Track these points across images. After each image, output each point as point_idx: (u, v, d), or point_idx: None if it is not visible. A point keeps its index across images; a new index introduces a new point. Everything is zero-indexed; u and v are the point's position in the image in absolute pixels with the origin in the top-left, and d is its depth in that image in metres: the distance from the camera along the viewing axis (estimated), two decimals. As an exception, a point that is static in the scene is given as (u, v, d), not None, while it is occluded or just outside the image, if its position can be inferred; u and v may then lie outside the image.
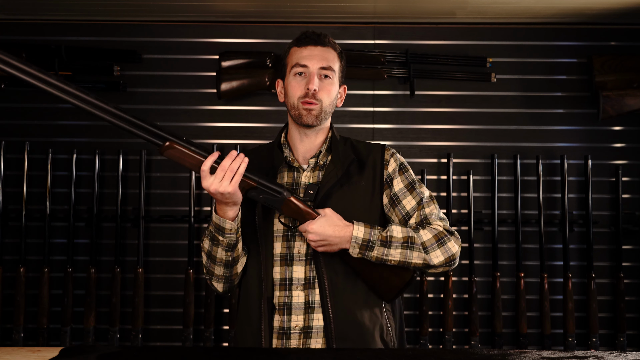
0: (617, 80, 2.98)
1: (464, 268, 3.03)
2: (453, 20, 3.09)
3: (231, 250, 1.67)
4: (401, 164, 1.79)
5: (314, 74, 1.71)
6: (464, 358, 1.39)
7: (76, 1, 2.88)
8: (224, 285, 1.75)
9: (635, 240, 3.07)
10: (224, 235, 1.64)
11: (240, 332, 1.74)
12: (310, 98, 1.71)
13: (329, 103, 1.74)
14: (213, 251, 1.69)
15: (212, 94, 3.11)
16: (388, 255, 1.66)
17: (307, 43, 1.74)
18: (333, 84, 1.75)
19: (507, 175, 3.08)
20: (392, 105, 3.13)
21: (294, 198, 1.63)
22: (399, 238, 1.66)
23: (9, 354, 1.50)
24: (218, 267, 1.70)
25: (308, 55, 1.73)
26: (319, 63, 1.72)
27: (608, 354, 1.40)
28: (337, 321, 1.65)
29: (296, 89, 1.73)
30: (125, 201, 3.07)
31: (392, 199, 1.74)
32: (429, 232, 1.69)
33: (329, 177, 1.72)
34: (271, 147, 1.82)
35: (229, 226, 1.63)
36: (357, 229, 1.65)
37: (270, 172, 1.74)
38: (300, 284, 1.68)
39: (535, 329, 3.01)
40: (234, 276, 1.74)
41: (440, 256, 1.68)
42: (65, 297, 2.94)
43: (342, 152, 1.76)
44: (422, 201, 1.74)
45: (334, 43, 1.78)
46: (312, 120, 1.72)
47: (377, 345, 1.69)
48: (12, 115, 3.11)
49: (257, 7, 2.95)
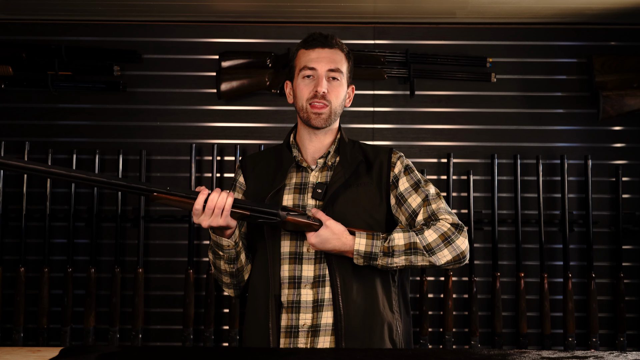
0: (617, 80, 2.98)
1: (464, 268, 3.03)
2: (453, 20, 3.09)
3: (233, 263, 1.73)
4: (407, 166, 1.81)
5: (322, 77, 1.74)
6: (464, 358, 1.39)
7: (76, 1, 2.88)
8: (235, 291, 1.83)
9: (635, 240, 3.07)
10: (222, 250, 1.70)
11: (248, 330, 1.75)
12: (320, 99, 1.73)
13: (339, 104, 1.78)
14: (217, 263, 1.76)
15: (212, 94, 3.11)
16: (393, 263, 1.68)
17: (314, 45, 1.76)
18: (341, 85, 1.78)
19: (507, 175, 3.08)
20: (392, 105, 3.13)
21: (291, 217, 1.65)
22: (402, 245, 1.67)
23: (9, 354, 1.50)
24: (224, 276, 1.78)
25: (316, 57, 1.75)
26: (327, 65, 1.74)
27: (608, 354, 1.40)
28: (348, 319, 1.66)
29: (304, 92, 1.75)
30: (125, 201, 3.06)
31: (398, 199, 1.76)
32: (434, 232, 1.68)
33: (337, 177, 1.73)
34: (280, 148, 1.85)
35: (226, 243, 1.68)
36: (359, 242, 1.65)
37: (279, 172, 1.77)
38: (309, 282, 1.70)
39: (535, 329, 3.01)
40: (243, 282, 1.81)
41: (448, 255, 1.68)
42: (65, 297, 2.94)
43: (350, 153, 1.78)
44: (427, 198, 1.75)
45: (341, 44, 1.80)
46: (322, 122, 1.76)
47: (385, 345, 1.69)
48: (12, 115, 3.11)
49: (257, 7, 2.95)
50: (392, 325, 1.72)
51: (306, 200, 1.74)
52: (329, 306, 1.68)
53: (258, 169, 1.83)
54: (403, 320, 1.77)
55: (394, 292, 1.76)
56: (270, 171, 1.80)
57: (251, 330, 1.73)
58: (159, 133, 3.10)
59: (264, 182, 1.78)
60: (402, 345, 1.75)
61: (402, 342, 1.75)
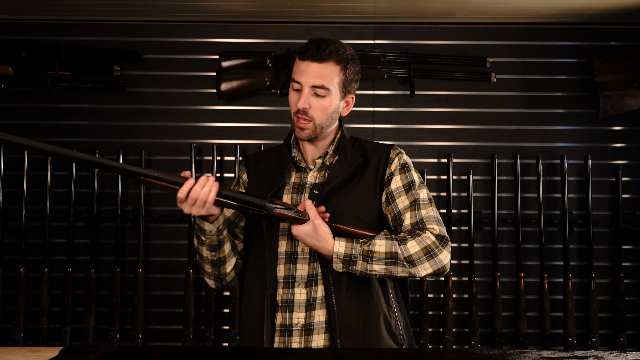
0: (617, 80, 2.98)
1: (464, 268, 3.03)
2: (453, 20, 3.09)
3: (215, 250, 1.71)
4: (404, 164, 1.77)
5: (305, 93, 1.70)
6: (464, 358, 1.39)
7: (76, 1, 2.88)
8: (215, 283, 1.81)
9: (635, 240, 3.07)
10: (204, 235, 1.69)
11: (243, 329, 1.76)
12: (302, 115, 1.71)
13: (324, 118, 1.73)
14: (199, 249, 1.74)
15: (212, 94, 3.11)
16: (372, 270, 1.65)
17: (306, 57, 1.72)
18: (327, 101, 1.72)
19: (507, 175, 3.08)
20: (392, 105, 3.13)
21: (277, 210, 1.64)
22: (382, 253, 1.65)
23: (9, 354, 1.50)
24: (206, 264, 1.76)
25: (304, 71, 1.71)
26: (311, 81, 1.70)
27: (608, 354, 1.40)
28: (342, 316, 1.65)
29: (292, 103, 1.75)
30: (125, 201, 3.06)
31: (387, 197, 1.74)
32: (417, 244, 1.66)
33: (334, 176, 1.73)
34: (281, 148, 1.84)
35: (208, 228, 1.67)
36: (338, 244, 1.64)
37: (279, 172, 1.77)
38: (303, 281, 1.70)
39: (535, 329, 3.01)
40: (224, 275, 1.77)
41: (429, 268, 1.67)
42: (65, 297, 2.94)
43: (350, 153, 1.76)
44: (415, 202, 1.71)
45: (337, 54, 1.74)
46: (305, 136, 1.74)
47: (383, 340, 1.68)
48: (12, 115, 3.11)
49: (257, 7, 2.95)
50: (389, 318, 1.71)
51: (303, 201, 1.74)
52: (321, 304, 1.68)
53: (259, 167, 1.84)
54: (401, 315, 1.76)
55: (390, 287, 1.76)
56: (270, 171, 1.80)
57: (246, 329, 1.73)
58: (159, 133, 3.10)
59: (265, 181, 1.79)
60: (405, 340, 1.73)
61: (404, 336, 1.73)
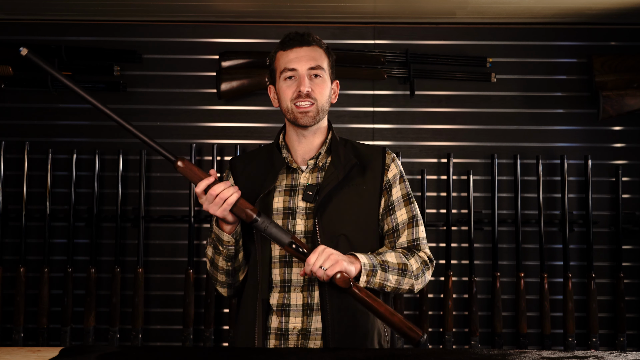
0: (617, 80, 2.98)
1: (464, 268, 3.03)
2: (453, 20, 3.09)
3: (231, 260, 1.71)
4: (401, 172, 1.80)
5: (304, 76, 1.71)
6: (464, 358, 1.39)
7: (76, 1, 2.88)
8: (228, 290, 1.80)
9: (635, 240, 3.07)
10: (222, 245, 1.69)
11: (237, 330, 1.76)
12: (305, 98, 1.70)
13: (325, 101, 1.74)
14: (215, 259, 1.73)
15: (212, 94, 3.11)
16: (387, 281, 1.65)
17: (292, 45, 1.73)
18: (325, 82, 1.74)
19: (507, 175, 3.07)
20: (392, 105, 3.13)
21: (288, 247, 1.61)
22: (394, 263, 1.67)
23: (9, 354, 1.50)
24: (220, 274, 1.75)
25: (295, 57, 1.71)
26: (307, 64, 1.71)
27: (608, 354, 1.40)
28: (336, 324, 1.64)
29: (287, 93, 1.73)
30: (125, 201, 3.06)
31: (387, 207, 1.75)
32: (415, 262, 1.71)
33: (330, 179, 1.71)
34: (270, 149, 1.82)
35: (227, 238, 1.67)
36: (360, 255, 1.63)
37: (270, 174, 1.75)
38: (299, 286, 1.69)
39: (535, 329, 3.01)
40: (237, 282, 1.78)
41: (420, 284, 1.73)
42: (65, 297, 2.94)
43: (344, 154, 1.75)
44: (413, 219, 1.75)
45: (319, 40, 1.77)
46: (310, 120, 1.72)
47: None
48: (12, 115, 3.11)
49: (257, 7, 2.95)
50: (381, 331, 1.73)
51: (296, 203, 1.72)
52: (318, 310, 1.67)
53: (248, 170, 1.81)
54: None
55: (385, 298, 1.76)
56: (260, 173, 1.77)
57: (239, 331, 1.74)
58: (159, 133, 3.09)
59: (254, 183, 1.76)
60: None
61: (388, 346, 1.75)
